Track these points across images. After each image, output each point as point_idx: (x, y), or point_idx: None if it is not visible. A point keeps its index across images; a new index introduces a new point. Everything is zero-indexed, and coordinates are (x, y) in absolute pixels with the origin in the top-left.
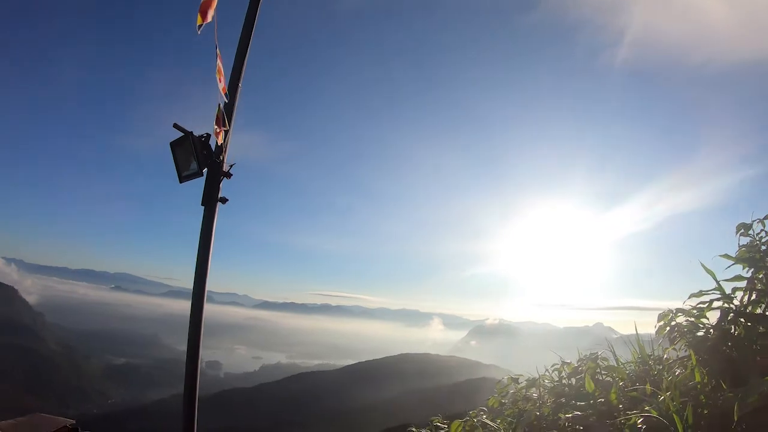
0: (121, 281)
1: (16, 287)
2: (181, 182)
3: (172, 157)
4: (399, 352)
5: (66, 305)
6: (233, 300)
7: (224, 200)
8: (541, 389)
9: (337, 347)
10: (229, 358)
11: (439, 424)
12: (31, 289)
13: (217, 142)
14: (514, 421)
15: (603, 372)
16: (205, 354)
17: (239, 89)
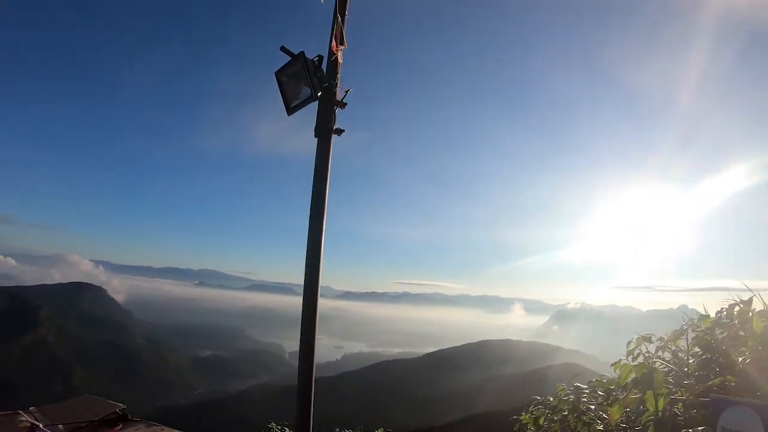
0: (204, 277)
1: (104, 287)
2: (289, 114)
3: (278, 89)
4: (480, 339)
5: (152, 302)
6: None
7: (340, 131)
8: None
9: (418, 335)
10: None
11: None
12: (119, 289)
13: (337, 60)
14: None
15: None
16: (288, 345)
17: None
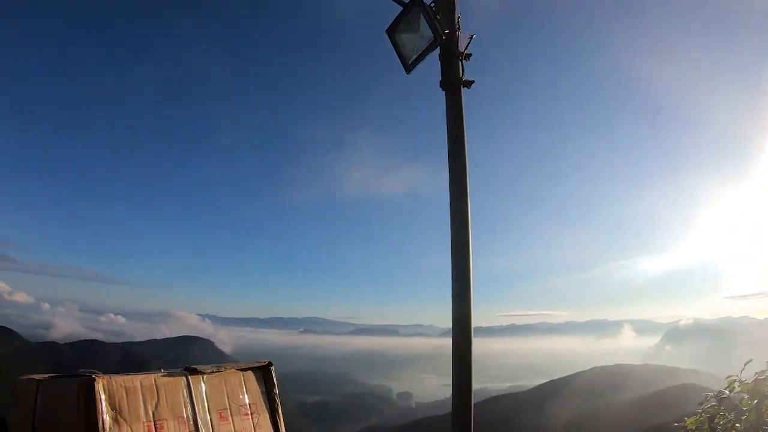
0: (308, 325)
1: (212, 339)
2: (409, 71)
3: (393, 48)
4: (590, 366)
5: (259, 352)
6: (419, 331)
7: (469, 83)
8: None
9: (527, 367)
10: (419, 387)
11: None
12: (226, 340)
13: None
14: None
15: None
16: (394, 386)
17: None
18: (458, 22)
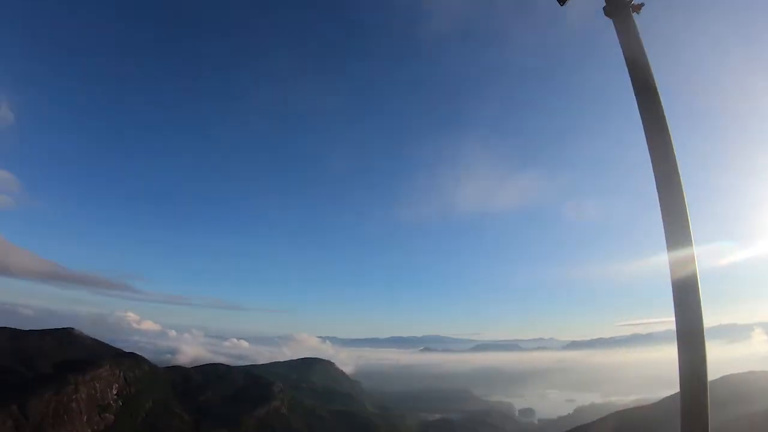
0: (428, 343)
1: (332, 360)
2: (563, 3)
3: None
4: (720, 375)
5: (379, 371)
6: (540, 345)
7: (638, 6)
8: None
9: (653, 378)
10: (542, 403)
11: None
12: (347, 361)
13: None
14: None
15: None
16: (516, 402)
17: None
18: None
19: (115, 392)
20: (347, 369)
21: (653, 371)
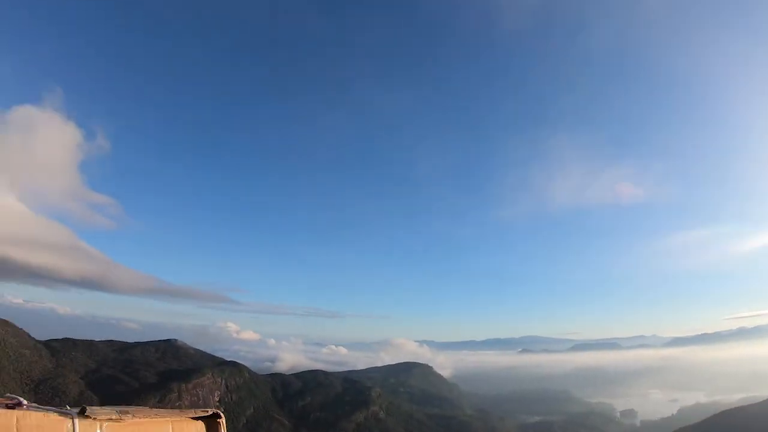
0: (526, 344)
1: (430, 364)
2: None
3: None
4: None
5: (477, 374)
6: (641, 342)
7: None
8: None
9: (761, 375)
10: (644, 404)
11: None
12: (444, 364)
13: None
14: None
15: None
16: (617, 403)
17: None
18: None
19: (216, 399)
20: (445, 372)
21: (762, 367)
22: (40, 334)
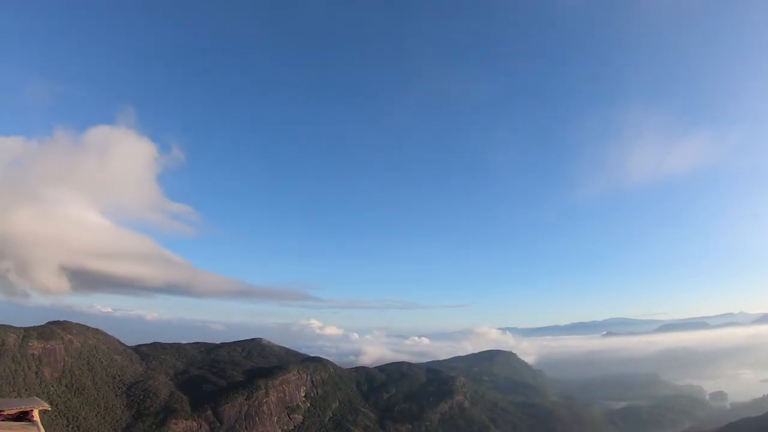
0: (610, 327)
1: (514, 351)
2: None
3: None
4: None
5: (562, 360)
6: (729, 320)
7: None
8: None
9: None
10: (734, 385)
11: None
12: (528, 351)
13: None
14: None
15: None
16: (706, 385)
17: None
18: None
19: (303, 394)
20: (529, 359)
21: None
22: (130, 340)
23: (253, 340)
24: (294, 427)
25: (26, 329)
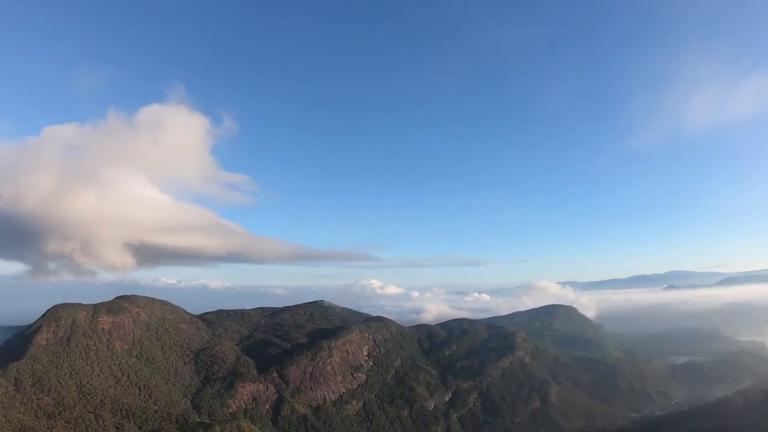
0: (672, 279)
1: (574, 306)
2: None
3: None
4: None
5: (622, 314)
6: None
7: None
8: None
9: None
10: None
11: None
12: (589, 305)
13: None
14: None
15: None
16: None
17: None
18: None
19: (365, 354)
20: (589, 313)
21: None
22: (195, 309)
23: (314, 302)
24: (358, 386)
25: (95, 306)
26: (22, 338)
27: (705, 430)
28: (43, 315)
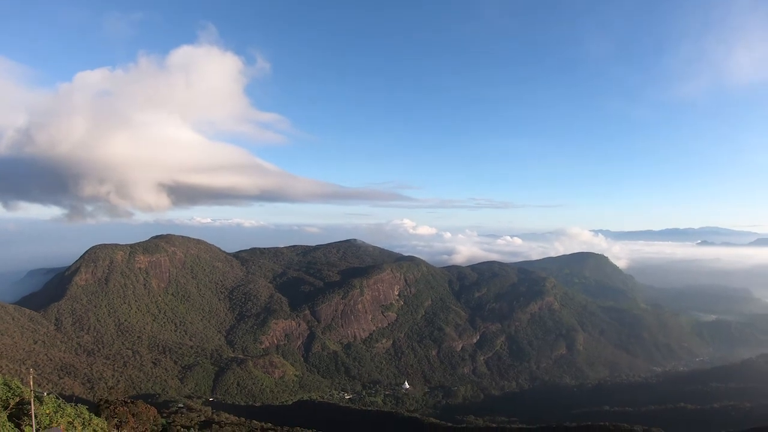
0: (706, 235)
1: (605, 254)
2: None
3: None
4: None
5: (654, 266)
6: None
7: None
8: None
9: None
10: None
11: None
12: (620, 255)
13: None
14: None
15: None
16: None
17: None
18: None
19: (396, 293)
20: (620, 263)
21: None
22: (230, 247)
23: (347, 241)
24: (388, 324)
25: (132, 246)
26: (61, 279)
27: (726, 391)
28: (81, 256)
